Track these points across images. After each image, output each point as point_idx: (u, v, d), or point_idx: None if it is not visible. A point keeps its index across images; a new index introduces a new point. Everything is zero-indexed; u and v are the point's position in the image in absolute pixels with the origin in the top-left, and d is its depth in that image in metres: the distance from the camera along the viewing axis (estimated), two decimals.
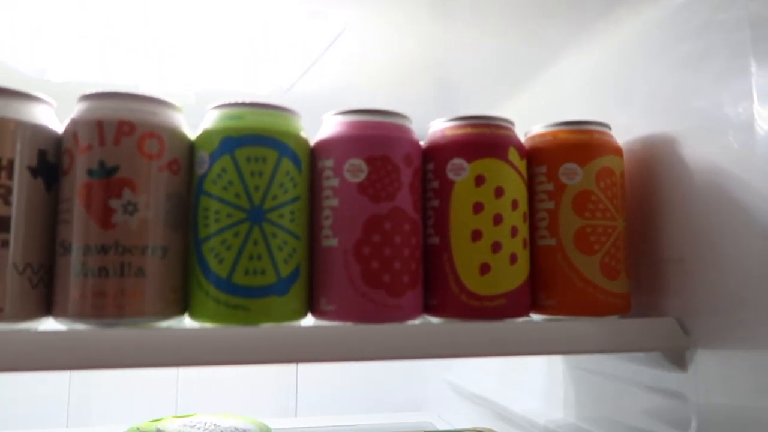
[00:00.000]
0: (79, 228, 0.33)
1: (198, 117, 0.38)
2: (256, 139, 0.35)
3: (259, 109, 0.36)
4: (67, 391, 0.79)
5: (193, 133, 0.37)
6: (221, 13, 0.44)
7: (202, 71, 0.55)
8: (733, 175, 0.36)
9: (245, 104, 0.36)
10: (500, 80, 0.60)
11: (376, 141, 0.37)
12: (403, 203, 0.37)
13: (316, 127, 0.39)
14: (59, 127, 0.35)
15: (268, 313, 0.34)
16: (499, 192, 0.38)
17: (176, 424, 0.61)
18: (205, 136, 0.36)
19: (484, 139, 0.39)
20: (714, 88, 0.37)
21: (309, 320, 0.37)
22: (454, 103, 0.67)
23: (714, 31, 0.37)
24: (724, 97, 0.36)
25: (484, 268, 0.38)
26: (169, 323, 0.34)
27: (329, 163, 0.37)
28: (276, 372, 0.86)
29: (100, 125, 0.33)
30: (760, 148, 0.34)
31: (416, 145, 0.39)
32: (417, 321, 0.37)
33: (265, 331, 0.33)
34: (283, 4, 0.43)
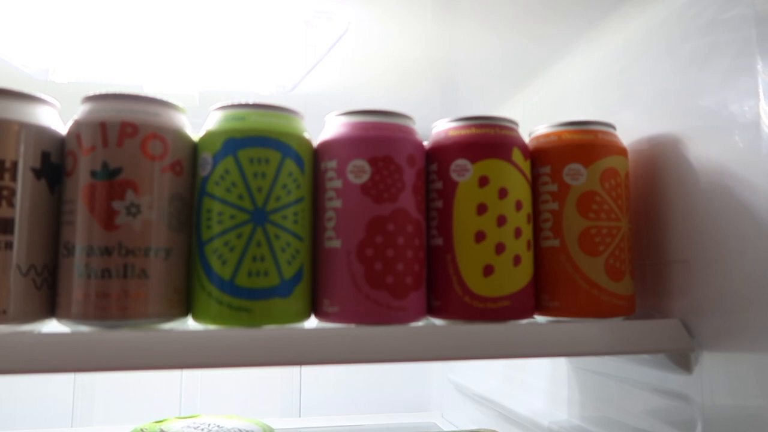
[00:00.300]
0: (82, 229, 0.33)
1: (202, 117, 0.38)
2: (259, 141, 0.35)
3: (262, 110, 0.36)
4: (71, 391, 0.79)
5: (198, 133, 0.37)
6: (225, 14, 0.44)
7: (205, 71, 0.55)
8: (738, 176, 0.35)
9: (248, 105, 0.36)
10: (504, 80, 0.59)
11: (380, 142, 0.37)
12: (406, 204, 0.37)
13: (319, 128, 0.39)
14: (63, 129, 0.35)
15: (271, 315, 0.34)
16: (503, 193, 0.38)
17: (180, 424, 0.61)
18: (208, 137, 0.36)
19: (488, 140, 0.39)
20: (720, 87, 0.37)
21: (312, 322, 0.37)
22: (457, 103, 0.67)
23: (720, 30, 0.37)
24: (730, 95, 0.36)
25: (488, 270, 0.37)
26: (172, 325, 0.34)
27: (332, 164, 0.37)
28: (279, 373, 0.86)
29: (103, 126, 0.33)
30: (766, 147, 0.33)
31: (420, 146, 0.39)
32: (420, 323, 0.37)
33: (268, 333, 0.33)
34: (286, 4, 0.43)
